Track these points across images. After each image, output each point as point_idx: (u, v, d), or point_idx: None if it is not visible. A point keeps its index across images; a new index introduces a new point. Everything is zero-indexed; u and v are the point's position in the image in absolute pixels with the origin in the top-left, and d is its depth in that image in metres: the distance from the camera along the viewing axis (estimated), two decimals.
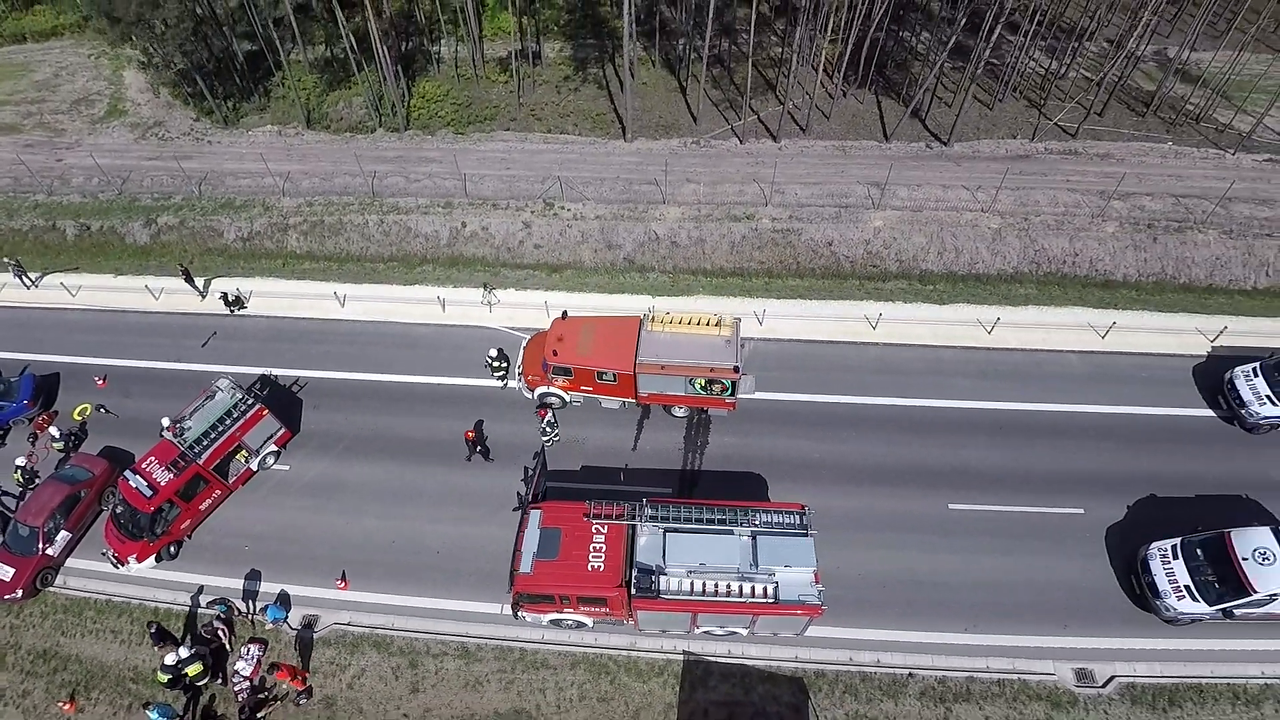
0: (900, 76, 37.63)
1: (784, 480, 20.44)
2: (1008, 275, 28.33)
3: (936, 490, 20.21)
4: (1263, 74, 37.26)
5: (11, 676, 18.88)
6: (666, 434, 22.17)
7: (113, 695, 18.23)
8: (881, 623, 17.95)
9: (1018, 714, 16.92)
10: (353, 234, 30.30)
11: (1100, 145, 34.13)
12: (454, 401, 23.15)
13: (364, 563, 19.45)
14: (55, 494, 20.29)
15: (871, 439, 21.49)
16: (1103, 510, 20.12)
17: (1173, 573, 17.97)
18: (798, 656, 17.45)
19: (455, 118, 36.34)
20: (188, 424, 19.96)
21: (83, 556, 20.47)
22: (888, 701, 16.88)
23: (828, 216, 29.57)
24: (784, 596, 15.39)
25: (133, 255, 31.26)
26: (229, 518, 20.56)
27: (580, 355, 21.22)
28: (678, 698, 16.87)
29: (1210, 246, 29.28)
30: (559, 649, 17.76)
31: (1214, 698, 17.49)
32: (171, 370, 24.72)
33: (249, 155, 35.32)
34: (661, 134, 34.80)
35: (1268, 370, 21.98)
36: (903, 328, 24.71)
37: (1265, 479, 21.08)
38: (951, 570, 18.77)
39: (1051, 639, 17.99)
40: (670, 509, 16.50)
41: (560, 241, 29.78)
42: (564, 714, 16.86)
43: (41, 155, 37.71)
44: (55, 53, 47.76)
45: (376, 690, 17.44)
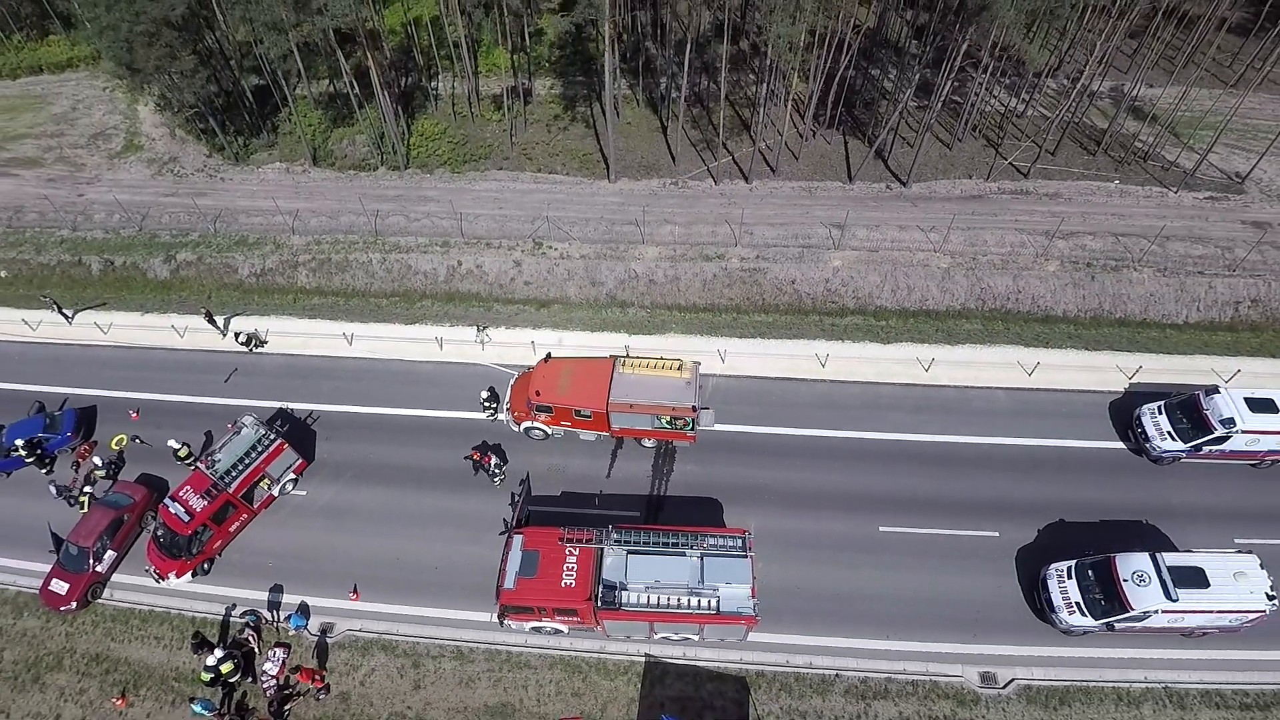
0: (867, 116, 40.85)
1: (737, 504, 23.82)
2: (955, 311, 31.61)
3: (869, 514, 23.60)
4: (1210, 109, 40.31)
5: (69, 677, 22.30)
6: (637, 463, 25.55)
7: (158, 692, 21.65)
8: (814, 630, 21.33)
9: (928, 710, 20.29)
10: (358, 271, 33.64)
11: (1050, 185, 37.35)
12: (451, 433, 26.53)
13: (372, 577, 22.85)
14: (102, 518, 23.69)
15: (814, 467, 24.86)
16: (1016, 533, 23.47)
17: (1066, 591, 21.31)
18: (741, 659, 20.85)
19: (452, 156, 39.63)
20: (218, 457, 23.33)
21: (127, 572, 23.86)
22: (817, 698, 20.27)
23: (791, 256, 32.86)
24: (725, 608, 18.78)
25: (154, 290, 34.62)
26: (254, 538, 23.98)
27: (560, 395, 24.58)
28: (639, 693, 20.28)
29: (1145, 284, 32.54)
30: (539, 652, 21.20)
31: (1100, 699, 20.83)
32: (197, 404, 28.11)
33: (260, 193, 38.68)
34: (643, 174, 38.07)
35: (1170, 409, 25.26)
36: (849, 365, 28.05)
37: (1165, 506, 24.40)
38: (878, 584, 22.14)
39: (962, 646, 21.36)
40: (632, 534, 19.90)
41: (548, 279, 33.10)
42: (543, 707, 20.28)
43: (64, 190, 41.05)
44: (71, 85, 50.96)
45: (384, 687, 20.87)
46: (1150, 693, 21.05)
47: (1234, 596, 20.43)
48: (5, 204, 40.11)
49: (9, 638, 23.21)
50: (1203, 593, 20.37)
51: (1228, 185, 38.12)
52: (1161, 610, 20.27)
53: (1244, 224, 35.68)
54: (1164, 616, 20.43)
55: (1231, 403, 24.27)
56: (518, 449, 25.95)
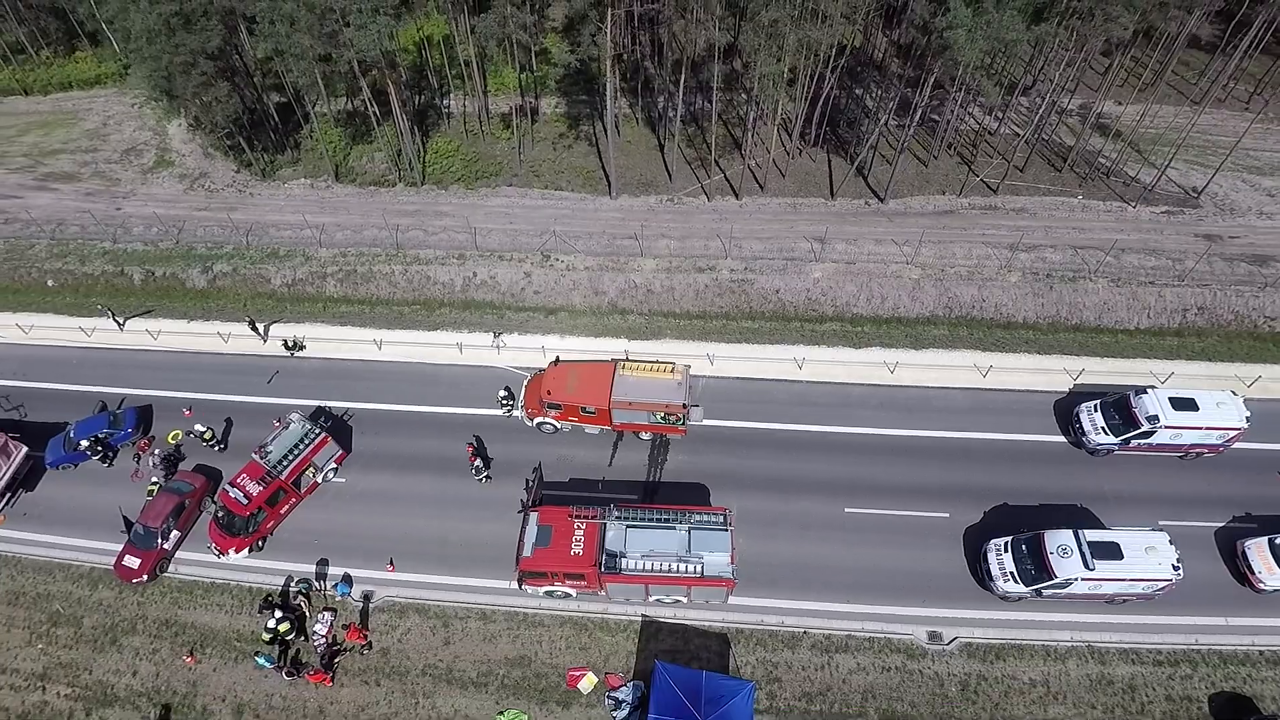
0: (850, 134, 44.86)
1: (721, 488, 27.92)
2: (924, 319, 35.66)
3: (837, 497, 27.68)
4: (1172, 125, 44.24)
5: (143, 639, 26.38)
6: (635, 453, 29.64)
7: (222, 651, 25.74)
8: (786, 595, 25.40)
9: (881, 663, 24.36)
10: (381, 281, 37.71)
11: (1018, 200, 41.38)
12: (471, 427, 30.63)
13: (405, 552, 26.93)
14: (168, 502, 27.77)
15: (789, 457, 28.96)
16: (964, 515, 27.54)
17: (1003, 562, 25.36)
18: (724, 619, 24.92)
19: (465, 173, 43.69)
20: (270, 449, 27.41)
21: (189, 550, 27.94)
22: (787, 651, 24.34)
23: (776, 268, 36.92)
24: (708, 573, 22.82)
25: (193, 298, 38.68)
26: (302, 519, 28.08)
27: (568, 394, 28.65)
28: (637, 647, 24.35)
29: (1099, 293, 36.57)
30: (551, 613, 25.30)
31: (1030, 655, 24.88)
32: (243, 402, 32.21)
33: (287, 207, 42.76)
34: (642, 191, 42.11)
35: (1105, 407, 29.30)
36: (823, 368, 32.13)
37: (1097, 492, 28.46)
38: (842, 557, 26.22)
39: (913, 609, 25.42)
40: (630, 512, 24.01)
41: (555, 289, 37.15)
42: (555, 659, 24.36)
43: (102, 204, 45.13)
44: (101, 101, 55.12)
45: (419, 643, 24.97)
46: (1075, 650, 25.09)
47: (1144, 567, 24.46)
48: (48, 217, 44.17)
49: (87, 607, 27.29)
50: (1117, 564, 24.41)
51: (1184, 200, 42.11)
52: (1081, 578, 24.30)
53: (1196, 237, 39.67)
54: (1084, 584, 24.46)
55: (1157, 401, 28.30)
56: (531, 441, 30.05)
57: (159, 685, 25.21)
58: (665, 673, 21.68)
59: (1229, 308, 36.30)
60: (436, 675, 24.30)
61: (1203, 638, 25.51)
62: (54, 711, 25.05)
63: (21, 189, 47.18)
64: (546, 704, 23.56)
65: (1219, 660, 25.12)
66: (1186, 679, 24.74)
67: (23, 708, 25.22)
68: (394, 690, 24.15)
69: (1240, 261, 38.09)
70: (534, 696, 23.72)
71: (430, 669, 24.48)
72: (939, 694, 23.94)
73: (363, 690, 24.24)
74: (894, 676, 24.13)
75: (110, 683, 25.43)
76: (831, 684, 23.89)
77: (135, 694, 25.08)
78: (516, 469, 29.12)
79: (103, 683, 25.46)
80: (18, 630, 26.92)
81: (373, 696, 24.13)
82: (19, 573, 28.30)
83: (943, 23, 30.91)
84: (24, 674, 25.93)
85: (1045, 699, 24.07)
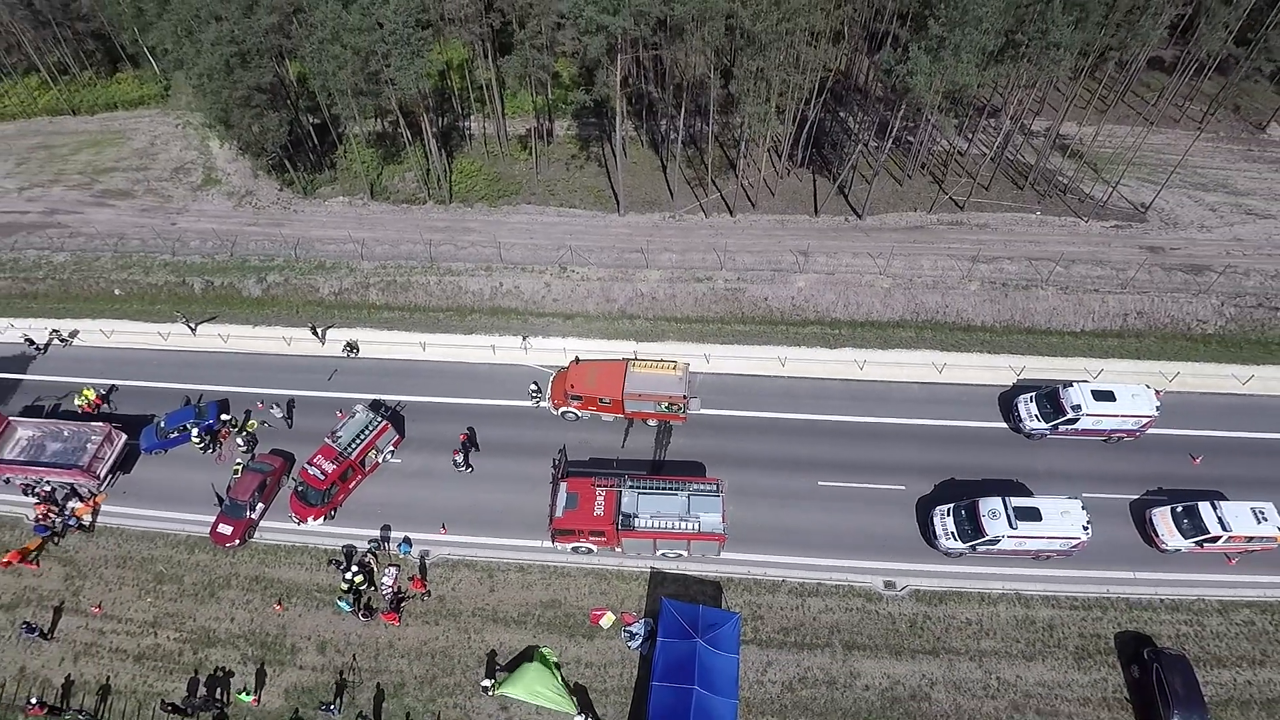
0: (833, 155, 51.64)
1: (715, 465, 34.76)
2: (894, 323, 42.44)
3: (812, 472, 34.53)
4: (1129, 144, 50.80)
5: (237, 592, 33.11)
6: (644, 437, 36.49)
7: (305, 600, 32.50)
8: (768, 551, 32.21)
9: (845, 605, 31.16)
10: (418, 291, 44.48)
11: (982, 216, 48.19)
12: (504, 416, 37.48)
13: (455, 518, 33.72)
14: (253, 479, 34.54)
15: (772, 440, 35.81)
16: (917, 487, 34.37)
17: (946, 524, 32.16)
18: (717, 570, 31.76)
19: (488, 192, 50.48)
20: (340, 435, 34.18)
21: (271, 520, 34.69)
22: (768, 595, 31.15)
23: (765, 279, 43.70)
24: (704, 529, 29.64)
25: (250, 305, 45.44)
26: (366, 493, 34.90)
27: (588, 387, 35.46)
28: (646, 592, 31.20)
29: (1049, 300, 43.35)
30: (577, 565, 32.15)
31: (967, 600, 31.66)
32: (307, 396, 39.00)
33: (329, 223, 49.57)
34: (646, 208, 48.91)
35: (1039, 399, 36.10)
36: (802, 365, 39.00)
37: (1029, 469, 35.26)
38: (815, 521, 33.05)
39: (872, 563, 32.23)
40: (642, 482, 30.91)
41: (571, 297, 43.92)
42: (581, 602, 31.17)
43: (158, 219, 51.95)
44: (146, 121, 61.97)
45: (469, 591, 31.78)
46: (1004, 596, 31.89)
47: (1060, 527, 31.20)
48: (110, 232, 51.01)
49: (186, 567, 34.05)
50: (1037, 524, 31.17)
51: (1133, 215, 48.93)
52: (1007, 536, 31.06)
53: (1140, 249, 46.51)
54: (1010, 540, 31.22)
55: (1081, 393, 35.09)
56: (556, 427, 36.97)
57: (253, 629, 31.97)
58: (670, 606, 28.51)
59: (1165, 312, 43.09)
60: (484, 616, 31.15)
61: (1113, 588, 32.28)
62: (165, 652, 31.79)
63: (81, 205, 54.01)
64: (575, 637, 30.40)
65: (1125, 606, 31.87)
66: (1097, 620, 31.50)
67: (139, 649, 31.97)
68: (450, 628, 30.98)
69: (1178, 271, 44.89)
70: (564, 632, 30.56)
71: (479, 611, 31.31)
72: (892, 629, 30.76)
73: (424, 628, 31.07)
74: (855, 615, 30.96)
75: (211, 628, 32.19)
76: (804, 620, 30.73)
77: (234, 636, 31.85)
78: (542, 449, 35.94)
79: (205, 628, 32.20)
80: (128, 588, 33.67)
81: (432, 633, 30.96)
82: (124, 540, 35.06)
83: (903, 69, 37.62)
84: (137, 622, 32.66)
85: (978, 635, 30.86)
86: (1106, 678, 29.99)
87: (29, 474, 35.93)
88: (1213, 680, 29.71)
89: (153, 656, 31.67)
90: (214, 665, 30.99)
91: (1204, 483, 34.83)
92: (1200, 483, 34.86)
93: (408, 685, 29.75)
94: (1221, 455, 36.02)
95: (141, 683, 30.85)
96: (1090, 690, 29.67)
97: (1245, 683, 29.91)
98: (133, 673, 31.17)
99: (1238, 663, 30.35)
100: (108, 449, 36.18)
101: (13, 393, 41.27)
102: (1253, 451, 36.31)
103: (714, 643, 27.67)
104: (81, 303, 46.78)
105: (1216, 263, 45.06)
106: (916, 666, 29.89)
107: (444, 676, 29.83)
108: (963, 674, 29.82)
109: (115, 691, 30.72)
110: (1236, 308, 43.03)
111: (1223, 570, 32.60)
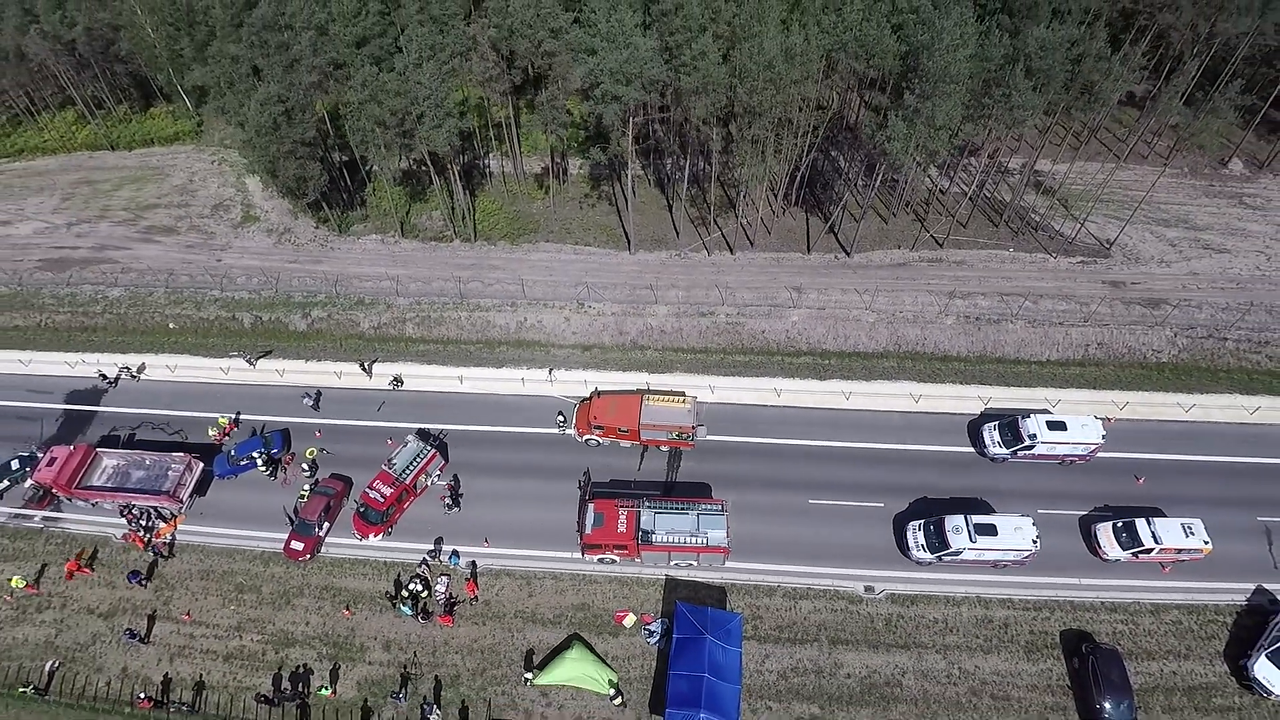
0: (825, 195, 58.46)
1: (719, 485, 41.89)
2: (878, 354, 49.42)
3: (803, 492, 41.66)
4: (1100, 182, 57.57)
5: (309, 600, 40.06)
6: (657, 461, 43.57)
7: (370, 605, 39.50)
8: (765, 560, 39.35)
9: (831, 606, 38.29)
10: (450, 325, 51.34)
11: (959, 253, 55.12)
12: (534, 443, 44.52)
13: (496, 533, 40.74)
14: (319, 502, 41.52)
15: (769, 463, 42.93)
16: (895, 505, 41.49)
17: (917, 538, 39.23)
18: (721, 577, 38.91)
19: (509, 230, 57.24)
20: (395, 462, 41.12)
21: (335, 537, 41.63)
22: (765, 598, 38.29)
23: (762, 313, 50.62)
24: (711, 544, 36.75)
25: (296, 339, 52.22)
26: (418, 513, 41.91)
27: (609, 418, 42.50)
28: (662, 596, 38.33)
29: (1018, 333, 50.34)
30: (603, 573, 39.27)
31: (935, 602, 38.76)
32: (359, 426, 45.91)
33: (364, 260, 56.33)
34: (654, 247, 55.74)
35: (1001, 428, 43.16)
36: (795, 396, 46.08)
37: (993, 489, 42.33)
38: (806, 535, 40.16)
39: (855, 570, 39.33)
40: (658, 503, 38.06)
41: (589, 330, 50.80)
42: (607, 604, 38.26)
43: (203, 255, 58.64)
44: (182, 158, 68.50)
45: (510, 596, 38.87)
46: (967, 599, 38.99)
47: (1013, 541, 38.26)
48: (159, 267, 57.70)
49: (263, 579, 40.94)
50: (993, 539, 38.22)
51: (1098, 250, 55.87)
52: (967, 549, 38.13)
53: (1103, 284, 53.48)
54: (970, 552, 38.28)
55: (1037, 423, 42.10)
56: (580, 452, 44.05)
57: (326, 631, 38.94)
58: (683, 608, 35.63)
59: (1123, 343, 50.12)
60: (524, 617, 38.26)
61: (1060, 592, 39.28)
62: (250, 652, 38.72)
63: (129, 240, 60.70)
64: (602, 634, 37.50)
65: (1070, 607, 38.87)
66: (1046, 619, 38.53)
67: (226, 650, 38.88)
68: (495, 628, 38.07)
69: (1136, 304, 51.89)
70: (593, 630, 37.66)
71: (520, 613, 38.40)
72: (870, 627, 37.87)
73: (473, 628, 38.14)
74: (840, 615, 38.08)
75: (289, 630, 39.14)
76: (796, 620, 37.87)
77: (310, 637, 38.82)
78: (571, 472, 43.08)
79: (284, 630, 39.15)
80: (212, 597, 40.55)
81: (480, 633, 38.03)
82: (205, 556, 41.97)
83: (881, 137, 44.44)
84: (223, 627, 39.57)
85: (944, 631, 37.96)
86: (1051, 668, 36.99)
87: (118, 499, 42.70)
88: (1143, 671, 36.69)
89: (239, 656, 38.58)
90: (295, 663, 37.93)
91: (1145, 500, 41.81)
92: (1142, 500, 41.85)
93: (462, 676, 36.80)
94: (1163, 476, 42.94)
95: (231, 679, 37.76)
96: (1037, 678, 36.69)
97: (1171, 673, 36.80)
98: (223, 670, 38.09)
99: (1165, 656, 37.23)
100: (188, 476, 43.02)
101: (90, 423, 48.06)
102: (1190, 473, 43.23)
103: (721, 639, 34.74)
104: (138, 336, 53.46)
105: (1173, 296, 52.05)
106: (891, 658, 36.98)
107: (492, 669, 36.90)
108: (930, 664, 36.90)
109: (209, 687, 37.61)
110: (1188, 338, 49.99)
111: (1157, 577, 39.49)
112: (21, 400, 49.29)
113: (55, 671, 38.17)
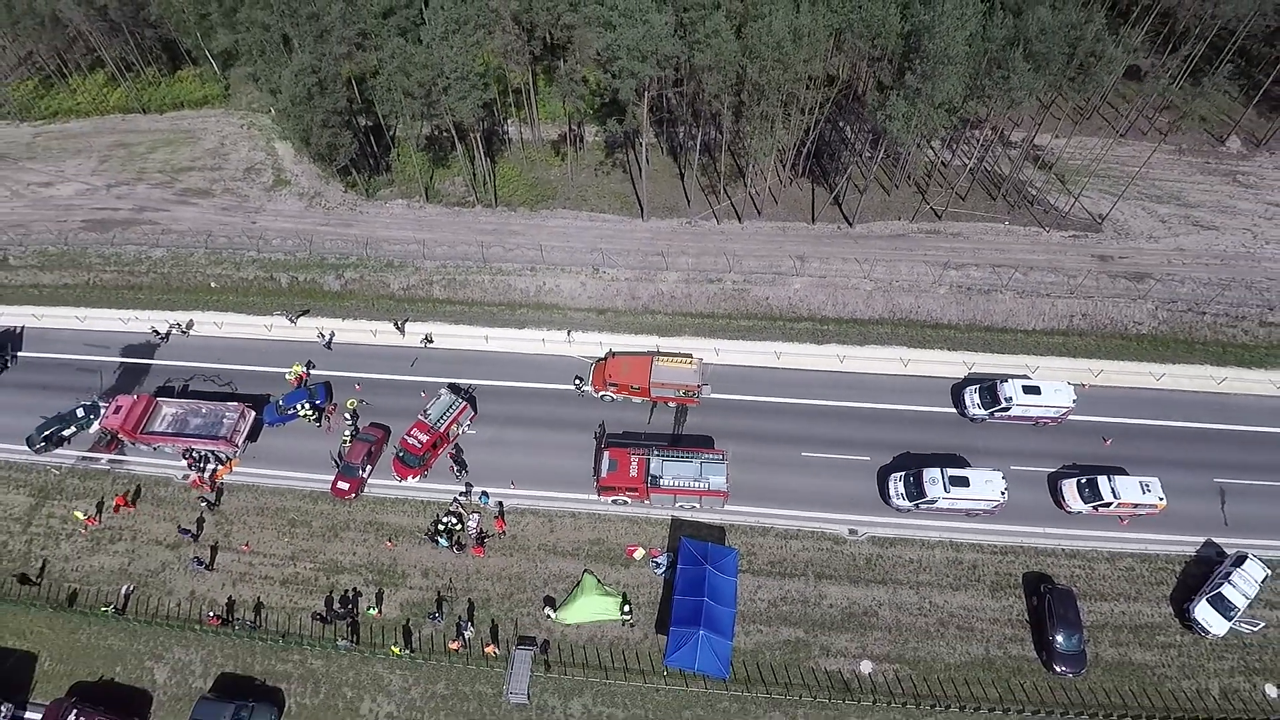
0: (831, 166, 62.56)
1: (722, 439, 47.58)
2: (874, 320, 54.41)
3: (796, 445, 47.33)
4: (1094, 156, 61.30)
5: (355, 534, 46.37)
6: (665, 416, 49.28)
7: (409, 538, 45.80)
8: (760, 505, 45.26)
9: (818, 545, 44.28)
10: (474, 288, 56.56)
11: (957, 225, 59.46)
12: (555, 397, 50.27)
13: (522, 476, 46.75)
14: (362, 447, 47.54)
15: (767, 419, 48.51)
16: (880, 458, 47.14)
17: (898, 487, 44.93)
18: (722, 518, 44.94)
19: (528, 196, 61.87)
20: (429, 412, 46.89)
21: (378, 479, 47.72)
22: (759, 537, 44.34)
23: (767, 280, 55.52)
24: (712, 488, 42.64)
25: (331, 298, 57.61)
26: (450, 458, 47.89)
27: (623, 376, 48.04)
28: (668, 534, 44.45)
29: (1007, 303, 55.11)
30: (617, 513, 45.43)
31: (912, 544, 44.64)
32: (394, 380, 51.65)
33: (392, 224, 61.30)
34: (666, 214, 60.33)
35: (980, 390, 48.42)
36: (793, 359, 51.35)
37: (972, 447, 47.80)
38: (797, 484, 45.98)
39: (840, 515, 45.22)
40: (666, 452, 43.89)
41: (604, 295, 55.91)
42: (619, 539, 44.45)
43: (238, 218, 63.69)
44: (213, 121, 72.93)
45: (534, 532, 45.10)
46: (940, 542, 44.84)
47: (983, 492, 43.84)
48: (198, 229, 62.84)
49: (313, 514, 47.20)
50: (966, 490, 43.81)
51: (1090, 225, 60.03)
52: (942, 498, 43.78)
53: (1092, 257, 57.87)
54: (945, 501, 43.96)
55: (1013, 388, 47.28)
56: (596, 407, 49.74)
57: (371, 561, 45.30)
58: (687, 543, 41.71)
59: (1106, 315, 54.80)
60: (546, 549, 44.54)
61: (1026, 539, 44.98)
62: (303, 578, 45.15)
63: (166, 203, 65.74)
64: (614, 565, 43.78)
65: (1034, 553, 44.61)
66: (1010, 563, 44.37)
67: (282, 575, 45.32)
68: (521, 559, 44.35)
69: (1122, 278, 56.36)
70: (606, 561, 43.93)
71: (542, 546, 44.66)
72: (852, 565, 43.88)
73: (502, 559, 44.44)
74: (825, 554, 44.09)
75: (338, 560, 45.52)
76: (786, 556, 43.95)
77: (357, 565, 45.20)
78: (588, 425, 48.96)
79: (333, 560, 45.53)
80: (268, 531, 46.86)
81: (508, 563, 44.32)
82: (259, 495, 48.18)
83: (881, 115, 48.57)
84: (279, 557, 45.95)
85: (918, 570, 43.91)
86: (1013, 605, 42.91)
87: (178, 443, 48.72)
88: (1095, 610, 42.47)
89: (294, 581, 45.04)
90: (344, 587, 44.36)
91: (1111, 461, 47.13)
92: (1108, 460, 47.18)
93: (492, 600, 43.21)
94: (1131, 439, 48.15)
95: (288, 601, 44.27)
96: (999, 614, 42.64)
97: (1120, 613, 42.57)
98: (280, 594, 44.58)
99: (1116, 598, 42.99)
100: (243, 423, 48.97)
101: (145, 375, 53.97)
102: (1155, 436, 48.38)
103: (719, 569, 40.82)
104: (182, 294, 58.99)
105: (1157, 271, 56.43)
106: (869, 592, 43.06)
107: (518, 594, 43.28)
108: (904, 599, 42.95)
109: (268, 608, 44.10)
110: (1169, 311, 54.56)
111: (1114, 529, 45.01)
112: (80, 354, 55.12)
113: (130, 594, 44.68)
